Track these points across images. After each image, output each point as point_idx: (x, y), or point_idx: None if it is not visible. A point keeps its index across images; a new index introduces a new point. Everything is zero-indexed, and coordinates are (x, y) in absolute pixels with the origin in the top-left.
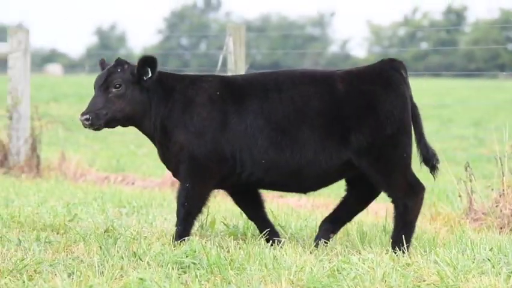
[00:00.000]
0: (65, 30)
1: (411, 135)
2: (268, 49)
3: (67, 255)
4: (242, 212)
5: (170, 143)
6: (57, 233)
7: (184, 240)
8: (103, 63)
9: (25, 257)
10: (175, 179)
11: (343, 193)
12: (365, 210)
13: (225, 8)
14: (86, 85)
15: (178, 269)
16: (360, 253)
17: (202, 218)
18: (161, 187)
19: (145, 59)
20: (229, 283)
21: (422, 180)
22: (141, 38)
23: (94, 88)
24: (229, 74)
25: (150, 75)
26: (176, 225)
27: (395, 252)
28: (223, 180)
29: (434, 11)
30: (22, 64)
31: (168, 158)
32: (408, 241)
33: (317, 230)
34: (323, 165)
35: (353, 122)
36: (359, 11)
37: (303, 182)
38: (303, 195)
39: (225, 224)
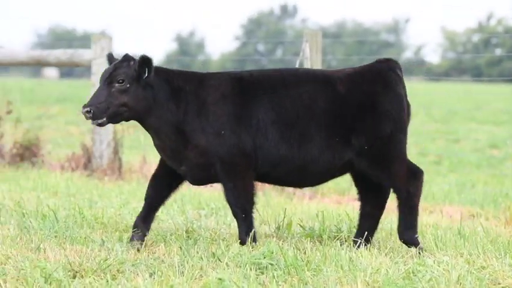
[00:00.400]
0: (146, 37)
1: (407, 132)
2: (344, 55)
3: (148, 255)
4: (146, 192)
5: (190, 145)
6: None
7: (253, 236)
8: (110, 58)
9: (108, 257)
10: None
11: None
12: (439, 213)
13: (301, 15)
14: None
15: (256, 270)
16: (435, 256)
17: (278, 220)
18: None
19: (142, 59)
20: (306, 284)
21: (494, 185)
22: (219, 44)
23: (100, 82)
24: None
25: (147, 74)
26: (239, 227)
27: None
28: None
29: (509, 17)
30: None
31: (182, 158)
32: (416, 225)
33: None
34: (326, 163)
35: (354, 121)
36: (433, 17)
37: (305, 178)
38: None
39: (301, 226)
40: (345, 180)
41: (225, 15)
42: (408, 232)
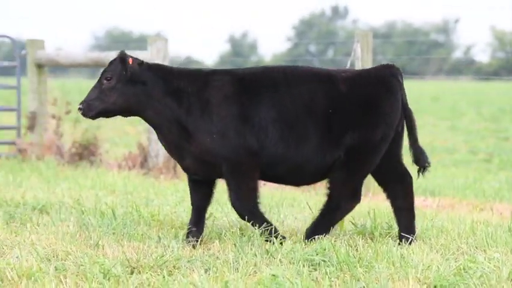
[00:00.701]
0: (200, 39)
1: (387, 144)
2: (394, 55)
3: (203, 252)
4: (191, 198)
5: (194, 144)
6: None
7: (271, 230)
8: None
9: (165, 253)
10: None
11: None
12: (490, 211)
13: (352, 16)
14: None
15: (308, 266)
16: (486, 252)
17: None
18: (292, 188)
19: (118, 56)
20: (358, 280)
21: None
22: (271, 45)
23: None
24: None
25: (124, 72)
26: (254, 225)
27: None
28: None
29: None
30: None
31: (185, 154)
32: (325, 233)
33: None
34: (318, 162)
35: (352, 121)
36: (483, 17)
37: (301, 177)
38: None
39: (353, 224)
40: None
41: (277, 16)
42: (314, 231)
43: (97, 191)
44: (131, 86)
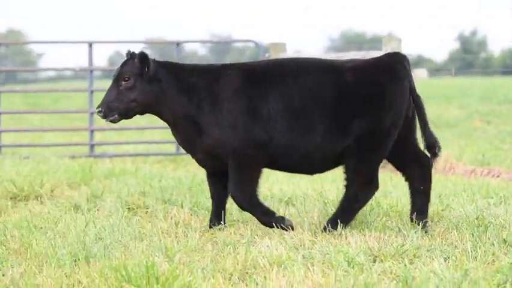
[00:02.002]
0: (431, 37)
1: (397, 131)
2: None
3: (442, 241)
4: (211, 191)
5: (205, 137)
6: (432, 221)
7: (274, 217)
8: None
9: (404, 243)
10: None
11: None
12: None
13: None
14: (450, 87)
15: None
16: None
17: None
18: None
19: (140, 57)
20: None
21: None
22: (501, 42)
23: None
24: None
25: (147, 69)
26: (254, 216)
27: (328, 230)
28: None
29: None
30: None
31: (197, 148)
32: (346, 225)
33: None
34: (327, 150)
35: (359, 109)
36: None
37: (310, 166)
38: None
39: None
40: None
41: (506, 13)
42: (333, 224)
43: (338, 183)
44: (148, 84)
